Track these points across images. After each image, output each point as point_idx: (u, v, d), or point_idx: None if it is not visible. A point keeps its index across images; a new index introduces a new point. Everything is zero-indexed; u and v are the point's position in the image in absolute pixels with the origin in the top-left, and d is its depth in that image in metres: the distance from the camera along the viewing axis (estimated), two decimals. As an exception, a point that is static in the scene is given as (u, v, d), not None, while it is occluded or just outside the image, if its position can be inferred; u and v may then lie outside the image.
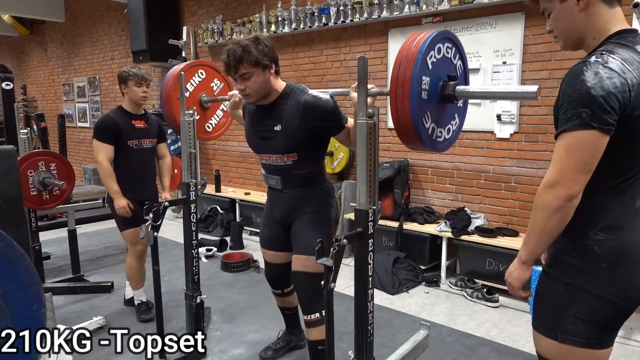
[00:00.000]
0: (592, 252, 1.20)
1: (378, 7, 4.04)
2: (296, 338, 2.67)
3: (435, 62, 1.44)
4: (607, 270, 1.19)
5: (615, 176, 1.20)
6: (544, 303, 1.31)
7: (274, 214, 2.22)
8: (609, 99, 1.07)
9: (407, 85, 1.35)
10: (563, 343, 1.25)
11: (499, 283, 3.40)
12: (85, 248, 4.54)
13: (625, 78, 1.08)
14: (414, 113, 1.37)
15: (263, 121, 2.07)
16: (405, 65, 1.36)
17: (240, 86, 1.97)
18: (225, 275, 3.86)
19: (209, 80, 2.53)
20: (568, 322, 1.23)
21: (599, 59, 1.11)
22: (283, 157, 2.04)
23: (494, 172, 3.70)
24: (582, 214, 1.19)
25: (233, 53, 1.90)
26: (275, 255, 2.30)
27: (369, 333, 1.73)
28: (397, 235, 3.83)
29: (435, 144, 1.54)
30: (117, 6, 6.74)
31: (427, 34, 1.44)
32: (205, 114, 2.57)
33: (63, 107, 8.57)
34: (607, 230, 1.20)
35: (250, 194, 5.29)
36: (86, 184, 7.27)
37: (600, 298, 1.20)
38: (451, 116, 1.63)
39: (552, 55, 3.35)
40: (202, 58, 5.91)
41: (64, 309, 3.19)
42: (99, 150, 2.82)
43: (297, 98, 1.99)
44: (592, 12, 1.20)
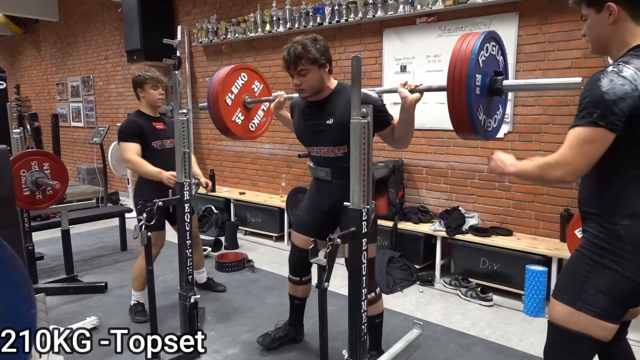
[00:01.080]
0: (619, 235, 1.36)
1: (373, 6, 4.04)
2: (295, 331, 2.71)
3: (485, 60, 1.58)
4: (630, 251, 1.35)
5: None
6: (570, 275, 1.47)
7: (322, 204, 2.34)
8: (619, 103, 1.27)
9: (463, 83, 1.50)
10: (579, 310, 1.40)
11: (493, 282, 3.41)
12: (78, 248, 4.52)
13: (636, 85, 1.28)
14: (470, 108, 1.52)
15: (315, 116, 2.20)
16: (460, 66, 1.52)
17: (297, 81, 2.10)
18: (220, 275, 3.85)
19: (251, 82, 2.66)
20: (589, 293, 1.39)
21: (615, 68, 1.31)
22: (334, 149, 2.17)
23: (488, 171, 3.71)
24: (610, 201, 1.39)
25: (294, 51, 2.04)
26: (307, 241, 2.33)
27: (363, 332, 1.73)
28: (391, 234, 3.84)
29: (486, 133, 1.70)
30: (111, 5, 6.71)
31: (477, 35, 1.58)
32: (249, 114, 2.66)
33: (57, 107, 8.53)
34: (632, 217, 1.35)
35: (245, 193, 5.29)
36: (80, 184, 7.24)
37: (621, 275, 1.35)
38: (497, 107, 1.76)
39: (545, 55, 3.36)
40: (196, 58, 5.90)
41: (57, 310, 3.17)
42: (127, 150, 2.86)
43: (348, 95, 2.08)
44: (620, 27, 1.38)
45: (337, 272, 2.18)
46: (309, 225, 2.40)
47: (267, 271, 3.98)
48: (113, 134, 6.98)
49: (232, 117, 2.55)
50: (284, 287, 2.78)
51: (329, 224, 2.37)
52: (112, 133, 6.97)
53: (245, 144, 5.48)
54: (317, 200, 2.38)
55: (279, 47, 4.93)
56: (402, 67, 4.07)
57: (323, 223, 2.37)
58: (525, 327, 2.94)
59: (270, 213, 4.84)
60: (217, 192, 5.40)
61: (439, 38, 3.82)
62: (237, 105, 2.59)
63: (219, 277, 3.72)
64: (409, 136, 2.04)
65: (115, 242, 4.70)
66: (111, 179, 7.27)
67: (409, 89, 1.82)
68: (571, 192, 3.32)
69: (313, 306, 1.90)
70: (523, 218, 3.59)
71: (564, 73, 3.28)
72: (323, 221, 2.37)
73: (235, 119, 2.57)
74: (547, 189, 3.43)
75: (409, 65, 4.02)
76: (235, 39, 5.21)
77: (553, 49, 3.33)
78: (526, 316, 3.11)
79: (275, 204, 4.81)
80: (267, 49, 5.09)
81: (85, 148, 7.92)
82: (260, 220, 4.94)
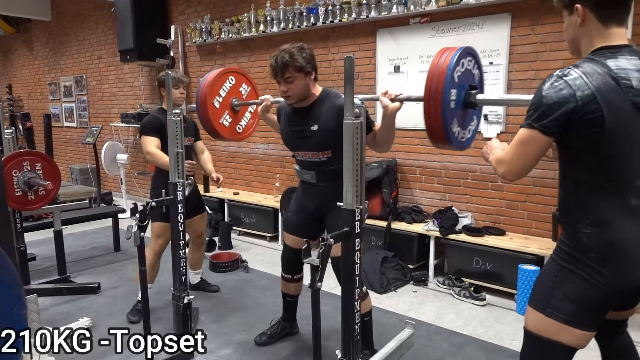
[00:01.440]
0: (582, 243, 1.36)
1: (366, 7, 4.05)
2: (290, 326, 2.80)
3: (460, 75, 1.65)
4: (594, 259, 1.34)
5: (597, 175, 1.34)
6: (542, 281, 1.48)
7: (307, 205, 2.44)
8: (554, 107, 1.28)
9: (439, 97, 1.57)
10: (548, 317, 1.40)
11: (486, 282, 3.43)
12: (72, 249, 4.50)
13: (574, 90, 1.27)
14: (445, 121, 1.59)
15: (300, 121, 2.28)
16: (437, 81, 1.59)
17: (284, 88, 2.17)
18: (214, 275, 3.85)
19: (238, 85, 2.72)
20: (557, 299, 1.39)
21: (560, 72, 1.31)
22: (318, 154, 2.25)
23: (481, 171, 3.73)
24: (573, 209, 1.39)
25: (281, 59, 2.12)
26: (297, 241, 2.48)
27: (356, 332, 1.74)
28: (385, 234, 3.85)
29: (460, 144, 1.78)
30: (104, 5, 6.68)
31: (453, 51, 1.65)
32: (236, 116, 2.73)
33: (49, 107, 8.47)
34: (594, 224, 1.34)
35: (238, 194, 5.28)
36: (73, 184, 7.20)
37: (587, 281, 1.35)
38: (471, 118, 1.85)
39: (537, 55, 3.38)
40: (190, 58, 5.89)
41: (49, 311, 3.16)
42: (147, 143, 2.95)
43: (332, 101, 2.20)
44: (587, 29, 1.37)
45: (330, 273, 2.19)
46: (297, 226, 2.51)
47: (261, 271, 3.98)
48: (106, 134, 6.96)
49: (219, 120, 2.63)
50: (277, 287, 2.79)
51: (315, 224, 2.46)
52: (105, 133, 6.95)
53: (239, 144, 5.47)
54: (304, 202, 2.47)
55: (273, 47, 4.93)
56: (395, 68, 4.08)
57: (310, 224, 2.47)
58: (517, 326, 2.95)
59: (264, 213, 4.83)
60: (211, 192, 5.39)
61: (433, 38, 3.83)
62: (225, 107, 2.66)
63: (212, 278, 3.72)
64: (390, 141, 2.11)
65: (109, 243, 4.68)
66: (104, 179, 7.24)
67: (390, 98, 1.87)
68: (563, 191, 3.34)
69: (308, 303, 1.90)
70: (515, 218, 3.61)
71: (556, 74, 3.30)
72: (310, 222, 2.46)
73: (223, 121, 2.65)
74: (539, 189, 3.45)
75: (402, 65, 4.03)
76: (229, 39, 5.21)
77: (545, 50, 3.35)
78: (519, 315, 3.12)
79: (269, 204, 4.80)
80: (261, 49, 5.09)
81: (78, 148, 7.88)
82: (254, 220, 4.94)
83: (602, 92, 1.26)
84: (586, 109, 1.26)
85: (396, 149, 4.14)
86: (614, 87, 1.27)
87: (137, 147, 6.73)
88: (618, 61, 1.30)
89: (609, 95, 1.26)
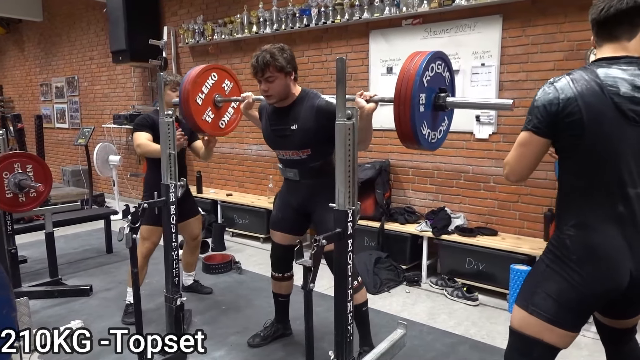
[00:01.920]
0: (565, 245, 1.42)
1: (359, 8, 4.06)
2: (283, 327, 2.80)
3: (429, 79, 1.70)
4: (575, 261, 1.39)
5: (582, 179, 1.40)
6: (528, 279, 1.54)
7: (291, 201, 2.49)
8: (541, 109, 1.39)
9: (407, 102, 1.61)
10: (531, 315, 1.45)
11: (478, 282, 3.45)
12: (63, 251, 4.47)
13: (559, 93, 1.36)
14: (413, 124, 1.63)
15: (280, 121, 2.34)
16: (405, 85, 1.63)
17: (264, 87, 2.23)
18: (207, 277, 3.84)
19: (221, 81, 2.73)
20: (540, 297, 1.44)
21: (553, 79, 1.41)
22: (298, 152, 2.31)
23: (473, 172, 3.75)
24: (559, 211, 1.47)
25: (262, 58, 2.18)
26: (283, 237, 2.54)
27: (349, 333, 1.74)
28: (378, 235, 3.86)
29: (431, 144, 1.82)
30: (96, 5, 6.64)
31: (423, 55, 1.69)
32: (219, 112, 2.74)
33: (41, 108, 8.41)
34: (576, 227, 1.40)
35: (232, 195, 5.27)
36: (65, 185, 7.16)
37: (567, 282, 1.40)
38: (442, 119, 1.88)
39: (528, 57, 3.41)
40: (183, 59, 5.87)
41: (41, 313, 3.14)
42: (138, 137, 2.95)
43: (311, 102, 2.26)
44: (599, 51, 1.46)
45: (324, 274, 2.20)
46: (282, 222, 2.55)
47: (255, 273, 3.98)
48: (98, 135, 6.92)
49: (202, 116, 2.62)
50: (271, 288, 2.78)
51: (300, 220, 2.52)
52: (97, 135, 6.91)
53: (232, 145, 5.46)
54: (288, 198, 2.52)
55: (266, 48, 4.93)
56: (388, 69, 4.09)
57: (295, 220, 2.52)
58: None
59: (257, 214, 4.83)
60: (204, 194, 5.38)
61: (425, 40, 3.85)
62: (208, 104, 2.66)
63: (205, 279, 3.71)
64: (367, 141, 2.14)
65: (101, 245, 4.66)
66: (96, 181, 7.20)
67: (365, 99, 1.89)
68: (554, 192, 3.35)
69: (301, 304, 1.90)
70: (508, 218, 3.63)
71: (547, 75, 3.32)
72: (295, 218, 2.52)
73: (206, 117, 2.65)
74: (530, 190, 3.48)
75: (395, 66, 4.05)
76: (222, 40, 5.20)
77: (536, 51, 3.37)
78: (511, 315, 3.14)
79: (262, 205, 4.80)
80: (254, 50, 5.04)
81: (70, 149, 7.82)
82: (248, 221, 4.93)
83: (584, 97, 1.33)
84: (567, 111, 1.34)
85: (389, 150, 4.15)
86: (597, 92, 1.33)
87: (129, 148, 6.70)
88: (610, 70, 1.36)
89: (590, 100, 1.33)
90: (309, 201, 2.41)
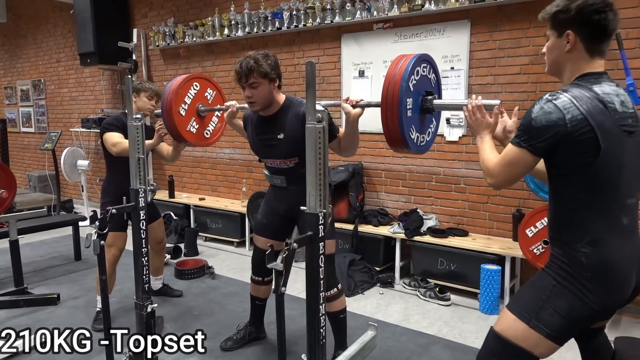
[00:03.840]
0: (580, 262, 1.38)
1: (331, 12, 4.08)
2: (256, 330, 2.80)
3: (416, 83, 1.68)
4: (591, 278, 1.37)
5: (592, 194, 1.38)
6: (532, 292, 1.47)
7: (278, 208, 2.49)
8: (544, 130, 1.34)
9: (395, 107, 1.61)
10: (532, 329, 1.40)
11: (450, 282, 3.50)
12: (29, 259, 4.33)
13: (563, 114, 1.31)
14: (402, 129, 1.63)
15: (267, 130, 2.33)
16: (392, 90, 1.62)
17: (248, 94, 2.20)
18: (179, 282, 3.78)
19: (203, 90, 2.71)
20: (547, 313, 1.39)
21: (550, 97, 1.36)
22: (286, 161, 2.31)
23: (445, 174, 3.81)
24: (570, 228, 1.42)
25: (246, 64, 2.14)
26: (267, 242, 2.48)
27: (322, 335, 1.74)
28: (352, 237, 3.88)
29: (419, 148, 1.82)
30: (63, 6, 6.48)
31: (408, 59, 1.66)
32: (203, 122, 2.73)
33: (5, 112, 8.14)
34: (592, 244, 1.37)
35: (204, 199, 5.21)
36: (31, 191, 6.95)
37: (580, 300, 1.37)
38: (430, 121, 1.88)
39: (496, 61, 3.49)
40: (153, 61, 5.78)
41: (6, 323, 3.02)
42: (112, 136, 2.87)
43: (296, 110, 2.24)
44: (574, 55, 1.43)
45: (299, 277, 2.21)
46: (267, 228, 2.55)
47: (228, 277, 3.94)
48: (66, 140, 6.75)
49: (186, 127, 2.61)
50: (244, 292, 2.77)
51: (286, 225, 2.53)
52: (65, 139, 6.74)
53: (204, 149, 5.40)
54: (274, 205, 2.52)
55: (238, 51, 4.92)
56: (360, 72, 4.13)
57: (281, 225, 2.52)
58: (481, 325, 3.03)
59: (230, 219, 4.79)
60: (177, 198, 5.30)
61: (396, 44, 3.90)
62: (191, 114, 2.65)
63: (178, 285, 3.65)
64: (354, 146, 2.15)
65: (69, 252, 4.53)
66: (64, 186, 7.01)
67: (351, 104, 1.91)
68: (522, 193, 3.45)
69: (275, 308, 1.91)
70: (478, 219, 3.70)
71: (513, 78, 3.41)
72: (281, 224, 2.52)
73: (190, 128, 2.64)
74: (500, 191, 3.55)
75: (367, 70, 4.08)
76: (194, 43, 5.15)
77: (503, 55, 3.45)
78: (482, 314, 3.20)
79: (236, 209, 4.76)
80: (226, 53, 5.05)
81: (37, 154, 7.59)
82: (221, 226, 4.88)
83: (594, 116, 1.31)
84: (578, 132, 1.31)
85: (362, 153, 4.18)
86: (602, 110, 1.33)
87: (98, 153, 6.54)
88: (602, 87, 1.38)
89: (600, 118, 1.32)
90: (296, 207, 2.38)
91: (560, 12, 1.41)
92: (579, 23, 1.39)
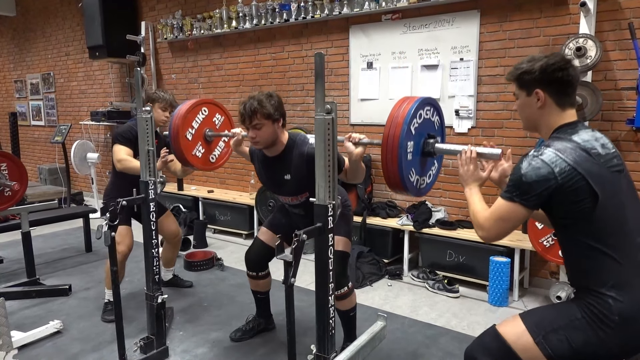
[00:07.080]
0: (608, 305, 1.37)
1: (339, 3, 4.06)
2: (265, 321, 2.82)
3: (418, 126, 1.67)
4: (616, 322, 1.35)
5: (602, 238, 1.38)
6: (553, 313, 1.47)
7: (298, 224, 2.38)
8: (535, 185, 1.37)
9: (395, 150, 1.60)
10: (536, 345, 1.40)
11: (459, 274, 3.50)
12: (41, 251, 4.39)
13: (552, 168, 1.35)
14: (401, 172, 1.62)
15: (273, 170, 2.35)
16: (393, 133, 1.61)
17: (252, 134, 2.20)
18: (189, 274, 3.81)
19: (212, 115, 2.74)
20: (558, 337, 1.39)
21: (536, 152, 1.40)
22: (297, 197, 2.34)
23: (453, 166, 3.79)
24: (590, 276, 1.41)
25: (250, 106, 2.15)
26: (272, 238, 2.53)
27: (331, 327, 1.75)
28: (360, 229, 3.88)
29: (419, 191, 1.80)
30: (71, 0, 6.51)
31: (410, 103, 1.65)
32: (209, 147, 2.76)
33: (15, 105, 8.22)
34: (617, 287, 1.37)
35: (213, 191, 5.24)
36: (42, 184, 7.02)
37: (599, 339, 1.36)
38: (431, 164, 1.87)
39: (506, 52, 3.45)
40: (162, 54, 5.79)
41: (18, 314, 3.08)
42: (119, 151, 2.86)
43: (300, 149, 2.25)
44: (546, 111, 1.48)
45: (307, 269, 2.21)
46: (284, 228, 2.50)
47: (237, 269, 3.96)
48: (75, 133, 6.80)
49: (192, 152, 2.64)
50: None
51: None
52: (74, 132, 6.79)
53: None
54: (296, 219, 2.49)
55: (246, 43, 4.91)
56: (368, 64, 4.10)
57: (293, 227, 2.45)
58: (489, 317, 3.02)
59: (239, 211, 4.81)
60: (185, 191, 5.33)
61: (404, 35, 3.87)
62: (198, 139, 2.68)
63: (187, 277, 3.68)
64: (360, 175, 2.15)
65: (80, 244, 4.58)
66: (75, 179, 7.08)
67: (353, 142, 1.91)
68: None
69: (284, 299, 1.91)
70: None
71: (523, 69, 3.37)
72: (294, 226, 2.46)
73: (196, 152, 2.67)
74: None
75: (375, 61, 4.06)
76: (201, 35, 5.14)
77: (513, 46, 3.42)
78: (490, 306, 3.20)
79: (244, 201, 4.78)
80: (234, 46, 5.05)
81: (47, 147, 7.66)
82: (230, 218, 4.91)
83: (580, 164, 1.36)
84: (570, 182, 1.35)
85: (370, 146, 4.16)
86: (587, 157, 1.37)
87: (107, 145, 6.59)
88: (580, 135, 1.42)
89: (587, 165, 1.36)
90: None
91: (525, 73, 1.48)
92: (545, 82, 1.45)
